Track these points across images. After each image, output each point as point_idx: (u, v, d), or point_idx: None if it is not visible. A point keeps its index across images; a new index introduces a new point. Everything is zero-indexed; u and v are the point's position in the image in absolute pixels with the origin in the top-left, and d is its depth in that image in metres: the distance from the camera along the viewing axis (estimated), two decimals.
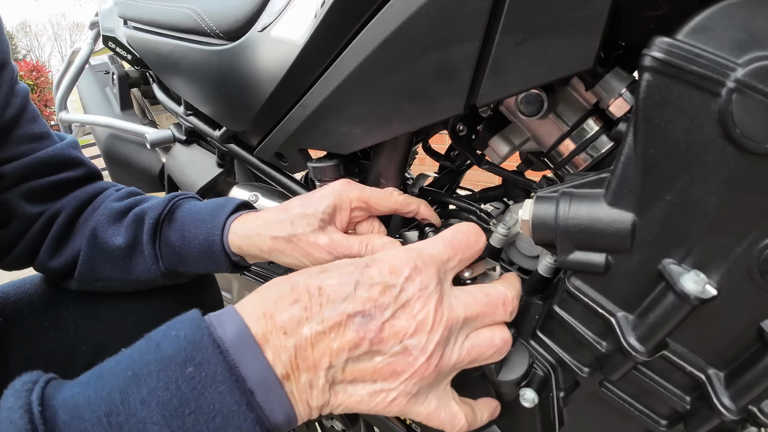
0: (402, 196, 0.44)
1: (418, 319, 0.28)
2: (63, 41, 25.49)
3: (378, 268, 0.29)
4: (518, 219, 0.36)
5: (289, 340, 0.26)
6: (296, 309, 0.27)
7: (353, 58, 0.40)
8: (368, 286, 0.28)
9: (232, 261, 0.46)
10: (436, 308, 0.28)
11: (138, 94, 0.99)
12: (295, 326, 0.26)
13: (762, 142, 0.24)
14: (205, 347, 0.25)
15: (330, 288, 0.28)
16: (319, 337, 0.26)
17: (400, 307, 0.28)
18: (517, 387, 0.38)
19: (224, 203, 0.47)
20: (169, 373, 0.24)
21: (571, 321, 0.35)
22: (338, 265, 0.30)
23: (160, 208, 0.47)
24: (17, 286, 0.52)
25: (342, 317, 0.27)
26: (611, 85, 0.35)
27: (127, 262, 0.47)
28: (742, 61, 0.23)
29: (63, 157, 0.50)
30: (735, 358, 0.30)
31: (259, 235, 0.43)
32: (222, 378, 0.24)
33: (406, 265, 0.29)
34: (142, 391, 0.23)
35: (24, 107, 0.48)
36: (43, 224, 0.48)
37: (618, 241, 0.30)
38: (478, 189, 0.65)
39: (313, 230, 0.41)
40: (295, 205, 0.43)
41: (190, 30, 0.60)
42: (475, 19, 0.33)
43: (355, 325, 0.27)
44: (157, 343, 0.26)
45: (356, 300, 0.27)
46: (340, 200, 0.43)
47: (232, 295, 0.93)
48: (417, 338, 0.28)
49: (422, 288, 0.28)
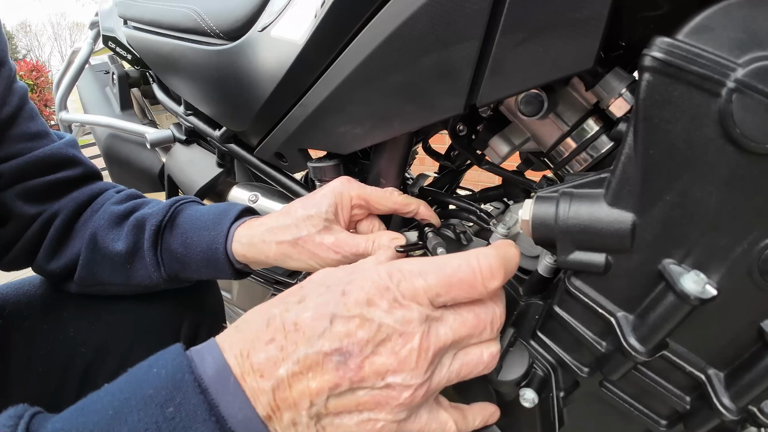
0: (402, 197, 0.44)
1: (401, 355, 0.26)
2: (63, 41, 25.49)
3: (354, 297, 0.27)
4: (518, 219, 0.36)
5: (265, 382, 0.25)
6: (272, 349, 0.26)
7: (353, 58, 0.40)
8: (345, 320, 0.26)
9: (235, 268, 0.46)
10: (421, 343, 0.26)
11: (138, 94, 0.99)
12: (271, 368, 0.25)
13: (762, 142, 0.24)
14: (186, 386, 0.24)
15: (305, 323, 0.26)
16: (297, 377, 0.25)
17: (380, 343, 0.26)
18: (517, 387, 0.38)
19: (227, 209, 0.47)
20: (149, 412, 0.24)
21: (571, 321, 0.35)
22: (314, 292, 0.28)
23: (162, 214, 0.47)
24: (16, 288, 0.51)
25: (319, 357, 0.25)
26: (611, 85, 0.35)
27: (128, 267, 0.47)
28: (742, 61, 0.23)
29: (60, 156, 0.50)
30: (735, 358, 0.30)
31: (264, 242, 0.43)
32: (202, 418, 0.24)
33: (384, 297, 0.27)
34: (123, 430, 0.23)
35: (21, 106, 0.47)
36: (41, 225, 0.48)
37: (618, 241, 0.30)
38: (478, 189, 0.65)
39: (318, 231, 0.41)
40: (297, 207, 0.43)
41: (190, 30, 0.60)
42: (475, 19, 0.33)
43: (333, 365, 0.25)
44: (138, 380, 0.25)
45: (332, 336, 0.26)
46: (341, 198, 0.42)
47: (231, 295, 0.93)
48: (401, 376, 0.26)
49: (404, 322, 0.26)
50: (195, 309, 0.57)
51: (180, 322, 0.55)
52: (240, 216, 0.47)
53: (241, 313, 0.92)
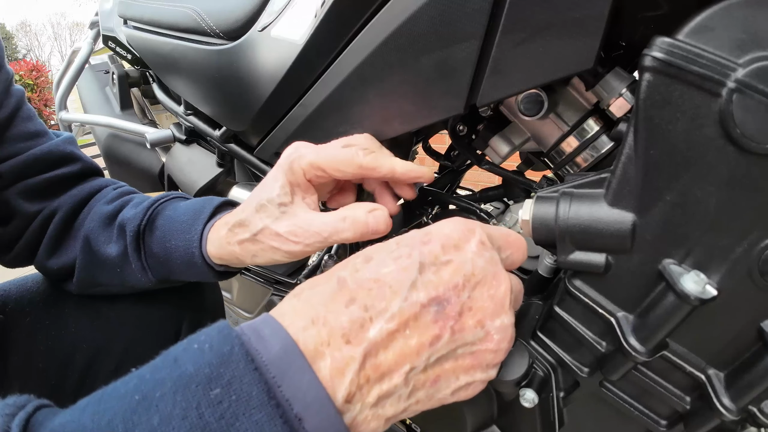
0: (368, 157, 0.36)
1: (497, 298, 0.24)
2: (63, 41, 25.50)
3: (440, 244, 0.25)
4: (518, 219, 0.36)
5: (354, 349, 0.21)
6: (355, 310, 0.22)
7: (353, 58, 0.40)
8: (435, 267, 0.24)
9: (216, 271, 0.42)
10: (510, 283, 0.25)
11: (138, 93, 0.99)
12: (358, 331, 0.22)
13: (762, 142, 0.24)
14: (237, 361, 0.20)
15: (390, 277, 0.23)
16: (393, 337, 0.22)
17: (475, 287, 0.24)
18: (517, 387, 0.38)
19: (201, 208, 0.43)
20: (188, 395, 0.19)
21: (571, 321, 0.35)
22: (385, 248, 0.25)
23: (139, 218, 0.44)
24: (18, 284, 0.51)
25: (415, 308, 0.22)
26: (612, 85, 0.35)
27: (119, 270, 0.45)
28: (743, 61, 0.23)
29: (59, 153, 0.49)
30: (735, 358, 0.30)
31: (229, 244, 0.38)
32: (259, 402, 0.19)
33: (470, 238, 0.25)
34: (153, 420, 0.18)
35: (19, 107, 0.47)
36: (41, 222, 0.48)
37: (618, 241, 0.30)
38: (478, 189, 0.65)
39: (273, 220, 0.36)
40: (253, 197, 0.38)
41: (190, 29, 0.60)
42: (475, 19, 0.32)
43: (431, 316, 0.23)
44: (174, 357, 0.21)
45: (426, 285, 0.23)
46: (293, 174, 0.37)
47: (232, 295, 0.92)
48: (498, 319, 0.24)
49: (494, 263, 0.25)
50: (195, 308, 0.57)
51: (180, 320, 0.55)
52: (216, 212, 0.42)
53: (241, 313, 0.92)
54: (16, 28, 24.98)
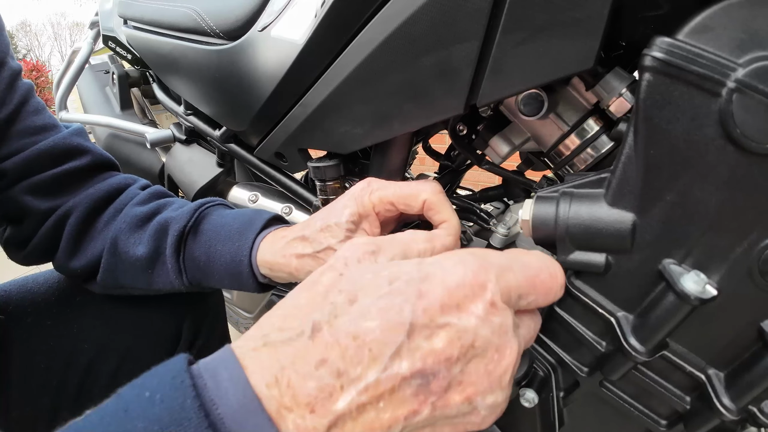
0: (435, 197, 0.36)
1: (494, 374, 0.21)
2: (63, 41, 25.49)
3: (438, 300, 0.20)
4: (518, 219, 0.36)
5: (318, 420, 0.19)
6: (325, 375, 0.19)
7: (353, 58, 0.40)
8: (429, 331, 0.20)
9: (259, 282, 0.43)
10: (516, 357, 0.22)
11: (138, 93, 0.99)
12: (326, 400, 0.19)
13: (762, 142, 0.24)
14: (189, 418, 0.18)
15: (371, 337, 0.20)
16: (363, 409, 0.19)
17: (472, 360, 0.21)
18: (517, 387, 0.38)
19: (253, 218, 0.43)
20: None
21: (571, 321, 0.35)
22: (370, 287, 0.21)
23: (186, 219, 0.44)
24: (20, 285, 0.51)
25: (395, 381, 0.19)
26: (611, 85, 0.35)
27: (149, 272, 0.45)
28: (743, 61, 0.23)
29: (65, 146, 0.48)
30: (735, 358, 0.30)
31: (285, 257, 0.40)
32: None
33: (479, 298, 0.21)
34: None
35: (25, 101, 0.46)
36: (55, 222, 0.47)
37: (618, 241, 0.30)
38: (478, 189, 0.65)
39: (339, 242, 0.38)
40: (318, 219, 0.40)
41: (191, 29, 0.60)
42: (475, 19, 0.33)
43: (412, 389, 0.20)
44: (125, 407, 0.19)
45: (412, 354, 0.20)
46: (363, 206, 0.38)
47: (232, 295, 0.93)
48: (491, 397, 0.21)
49: (502, 332, 0.21)
50: (196, 307, 0.57)
51: (181, 320, 0.55)
52: (267, 225, 0.43)
53: (241, 313, 0.92)
54: (16, 28, 24.97)
